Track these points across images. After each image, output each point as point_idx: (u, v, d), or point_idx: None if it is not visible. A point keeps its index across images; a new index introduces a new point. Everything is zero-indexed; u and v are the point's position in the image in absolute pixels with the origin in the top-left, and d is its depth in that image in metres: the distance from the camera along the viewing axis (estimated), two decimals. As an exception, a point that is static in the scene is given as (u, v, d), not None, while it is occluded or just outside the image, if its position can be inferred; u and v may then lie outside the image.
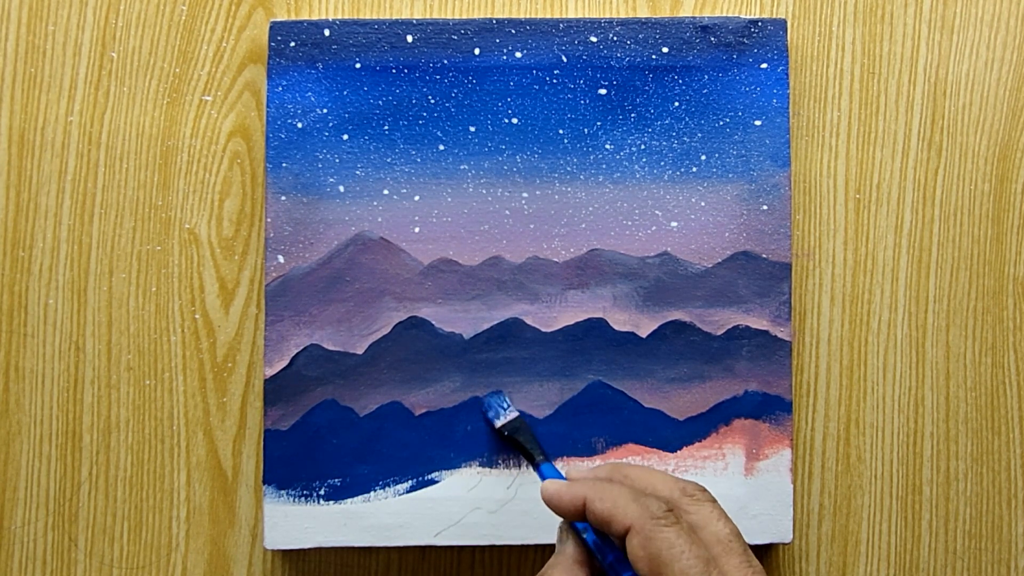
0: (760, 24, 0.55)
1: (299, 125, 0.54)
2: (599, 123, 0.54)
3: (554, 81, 0.54)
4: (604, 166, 0.54)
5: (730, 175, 0.54)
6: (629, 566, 0.42)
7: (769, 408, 0.54)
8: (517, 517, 0.53)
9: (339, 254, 0.54)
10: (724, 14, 0.56)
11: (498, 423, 0.52)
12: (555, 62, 0.55)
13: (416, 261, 0.54)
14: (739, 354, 0.54)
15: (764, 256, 0.54)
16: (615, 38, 0.54)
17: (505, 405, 0.53)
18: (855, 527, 0.56)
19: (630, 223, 0.54)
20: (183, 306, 0.56)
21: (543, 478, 0.49)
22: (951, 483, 0.56)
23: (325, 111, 0.54)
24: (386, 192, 0.54)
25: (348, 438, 0.53)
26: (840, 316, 0.56)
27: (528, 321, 0.54)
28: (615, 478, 0.45)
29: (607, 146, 0.54)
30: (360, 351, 0.54)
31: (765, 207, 0.54)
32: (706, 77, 0.55)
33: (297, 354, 0.54)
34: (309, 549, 0.54)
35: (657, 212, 0.54)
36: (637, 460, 0.54)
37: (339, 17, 0.56)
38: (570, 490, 0.43)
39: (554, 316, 0.54)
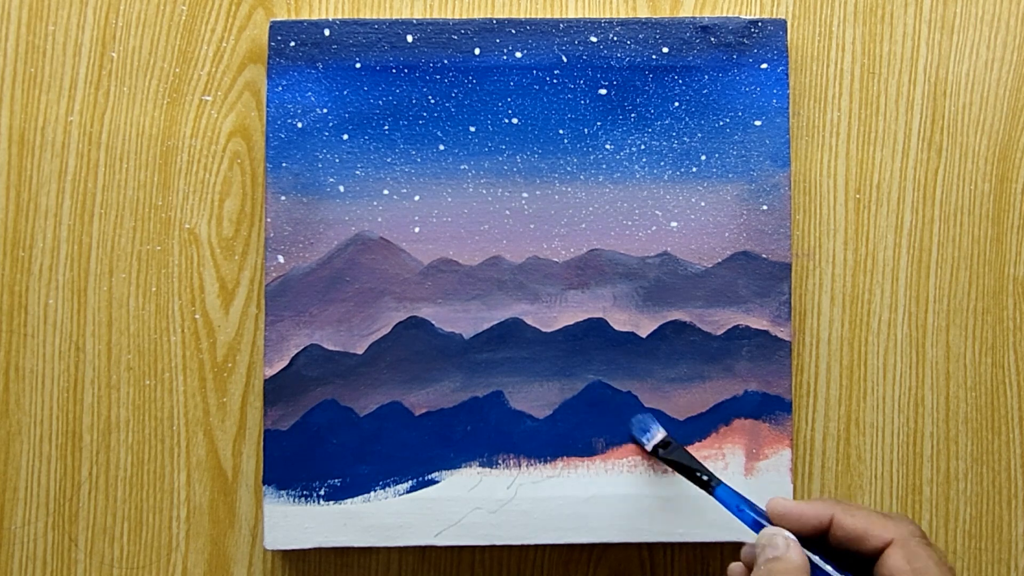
0: (760, 24, 0.55)
1: (299, 125, 0.54)
2: (599, 123, 0.54)
3: (554, 81, 0.54)
4: (604, 166, 0.54)
5: (730, 175, 0.54)
6: None
7: (769, 408, 0.54)
8: (517, 517, 0.53)
9: (339, 254, 0.54)
10: (724, 14, 0.56)
11: (648, 444, 0.52)
12: (555, 62, 0.55)
13: (416, 261, 0.54)
14: (739, 354, 0.54)
15: (764, 256, 0.54)
16: (615, 38, 0.54)
17: (653, 426, 0.53)
18: (855, 527, 0.56)
19: (630, 223, 0.54)
20: (183, 306, 0.56)
21: (723, 500, 0.48)
22: (951, 483, 0.56)
23: (325, 111, 0.54)
24: (386, 192, 0.54)
25: (348, 438, 0.53)
26: (840, 316, 0.56)
27: (528, 321, 0.54)
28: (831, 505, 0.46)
29: (607, 146, 0.54)
30: (360, 351, 0.54)
31: (765, 207, 0.54)
32: (706, 77, 0.55)
33: (297, 354, 0.54)
34: (309, 549, 0.54)
35: (657, 212, 0.54)
36: (637, 460, 0.54)
37: (339, 17, 0.56)
38: (813, 507, 0.45)
39: (554, 316, 0.54)
